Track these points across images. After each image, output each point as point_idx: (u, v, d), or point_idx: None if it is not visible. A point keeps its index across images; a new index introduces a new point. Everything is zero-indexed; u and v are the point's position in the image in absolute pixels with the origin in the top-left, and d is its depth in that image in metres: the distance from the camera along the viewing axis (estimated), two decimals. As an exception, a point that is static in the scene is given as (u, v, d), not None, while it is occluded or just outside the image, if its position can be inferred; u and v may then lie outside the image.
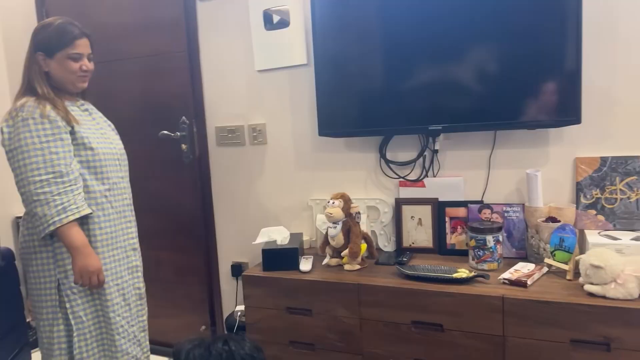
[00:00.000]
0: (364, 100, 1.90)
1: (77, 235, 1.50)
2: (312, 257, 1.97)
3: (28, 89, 1.58)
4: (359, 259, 1.81)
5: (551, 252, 1.65)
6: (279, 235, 2.00)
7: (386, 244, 2.04)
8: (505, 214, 1.84)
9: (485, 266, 1.71)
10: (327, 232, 1.87)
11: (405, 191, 2.00)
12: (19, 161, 1.48)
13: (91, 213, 1.56)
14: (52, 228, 1.47)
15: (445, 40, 1.75)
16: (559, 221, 1.70)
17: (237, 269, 2.39)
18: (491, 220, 1.84)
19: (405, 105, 1.84)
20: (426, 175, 1.97)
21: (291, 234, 2.05)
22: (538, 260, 1.73)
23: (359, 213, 1.85)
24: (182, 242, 2.51)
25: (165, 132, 2.38)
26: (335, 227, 1.83)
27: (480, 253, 1.71)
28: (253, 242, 2.03)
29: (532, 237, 1.76)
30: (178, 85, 2.37)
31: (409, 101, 1.83)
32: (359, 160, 2.09)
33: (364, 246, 1.82)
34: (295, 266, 1.86)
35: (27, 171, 1.47)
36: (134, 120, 2.49)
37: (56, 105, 1.55)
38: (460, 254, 1.88)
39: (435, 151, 1.93)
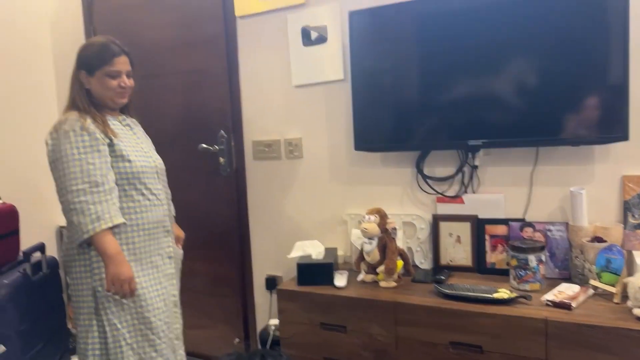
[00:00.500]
0: (401, 115, 1.89)
1: (110, 243, 1.54)
2: (347, 272, 1.95)
3: (72, 104, 1.66)
4: (395, 276, 1.79)
5: (597, 274, 1.59)
6: (314, 250, 2.00)
7: (423, 261, 2.01)
8: (548, 233, 1.78)
9: (527, 287, 1.65)
10: (362, 248, 1.85)
11: (443, 207, 1.97)
12: (59, 171, 1.55)
13: (125, 222, 1.60)
14: (86, 236, 1.52)
15: (485, 53, 1.73)
16: (605, 241, 1.64)
17: (271, 282, 2.39)
18: (533, 239, 1.78)
19: (443, 120, 1.82)
20: (465, 192, 1.94)
21: (326, 249, 2.05)
22: (583, 282, 1.66)
23: (395, 229, 1.83)
24: (217, 254, 2.54)
25: (204, 145, 2.43)
26: (371, 242, 1.81)
27: (522, 273, 1.66)
28: (288, 256, 2.04)
29: (577, 257, 1.70)
30: (217, 100, 2.42)
31: (447, 116, 1.81)
32: (395, 175, 2.07)
33: (400, 263, 1.79)
34: (330, 281, 1.85)
35: (65, 181, 1.53)
36: (174, 134, 2.56)
37: (96, 119, 1.61)
38: (501, 274, 1.82)
39: (475, 167, 1.89)
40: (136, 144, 1.72)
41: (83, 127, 1.56)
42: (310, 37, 2.17)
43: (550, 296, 1.55)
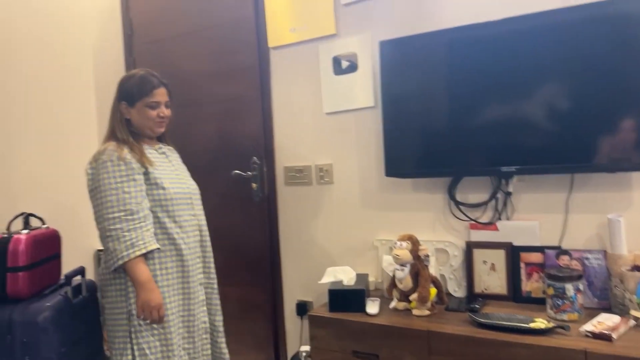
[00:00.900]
0: (432, 141, 1.90)
1: (142, 270, 1.60)
2: (379, 299, 1.95)
3: (112, 134, 1.75)
4: (429, 304, 1.77)
5: (638, 304, 1.54)
6: (345, 276, 2.00)
7: (456, 289, 1.98)
8: (585, 261, 1.74)
9: (565, 316, 1.62)
10: (394, 275, 1.85)
11: (476, 234, 1.95)
12: (97, 199, 1.63)
13: (159, 248, 1.65)
14: (120, 262, 1.57)
15: (516, 79, 1.73)
16: (647, 270, 1.59)
17: (301, 308, 2.40)
18: (570, 267, 1.75)
19: (475, 146, 1.82)
20: (499, 218, 1.92)
21: (357, 275, 2.05)
22: (623, 312, 1.61)
23: (427, 256, 1.82)
24: (248, 278, 2.56)
25: (238, 171, 2.49)
26: (403, 269, 1.81)
27: (560, 302, 1.62)
28: (319, 282, 2.04)
29: (616, 286, 1.65)
30: (250, 127, 2.49)
31: (479, 142, 1.81)
32: (427, 201, 2.07)
33: (433, 291, 1.78)
34: (362, 308, 1.85)
35: (102, 209, 1.60)
36: (209, 160, 2.63)
37: (133, 149, 1.69)
38: (537, 302, 1.78)
39: (509, 193, 1.88)
40: (171, 171, 1.78)
41: (120, 157, 1.64)
42: (341, 66, 2.22)
43: (589, 327, 1.51)
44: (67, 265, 2.19)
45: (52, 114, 2.79)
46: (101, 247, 2.98)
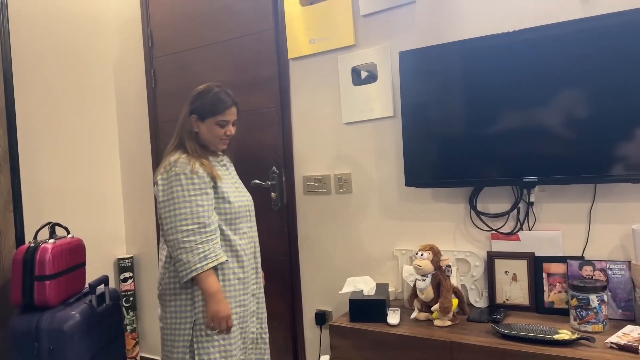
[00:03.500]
0: (452, 151, 1.91)
1: (213, 282, 1.64)
2: (399, 309, 1.95)
3: (179, 144, 1.78)
4: (450, 314, 1.77)
5: (665, 316, 1.52)
6: (366, 286, 2.01)
7: (477, 300, 1.98)
8: (609, 272, 1.72)
9: (589, 328, 1.60)
10: (415, 285, 1.85)
11: (498, 244, 1.95)
12: (169, 212, 1.65)
13: (227, 260, 1.69)
14: (194, 274, 1.61)
15: (536, 88, 1.73)
16: (673, 282, 1.57)
17: (321, 317, 2.40)
18: (593, 277, 1.73)
19: (495, 156, 1.82)
20: (521, 228, 1.91)
21: (377, 285, 2.05)
22: (649, 324, 1.60)
23: (449, 266, 1.82)
24: (267, 287, 2.57)
25: (257, 181, 2.51)
26: (425, 280, 1.81)
27: (584, 313, 1.61)
28: (340, 292, 2.05)
29: (642, 298, 1.64)
30: (270, 137, 2.52)
31: (499, 152, 1.81)
32: (447, 211, 2.07)
33: (455, 301, 1.77)
34: (382, 318, 1.85)
35: (176, 221, 1.63)
36: (227, 170, 2.66)
37: (203, 163, 1.72)
38: (560, 313, 1.77)
39: (531, 203, 1.87)
40: (232, 184, 1.83)
41: (192, 170, 1.67)
42: (360, 77, 2.23)
43: (614, 338, 1.49)
44: (90, 274, 2.24)
45: (75, 125, 2.85)
46: (121, 256, 3.03)
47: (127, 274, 3.03)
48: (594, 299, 1.60)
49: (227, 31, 2.64)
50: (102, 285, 2.10)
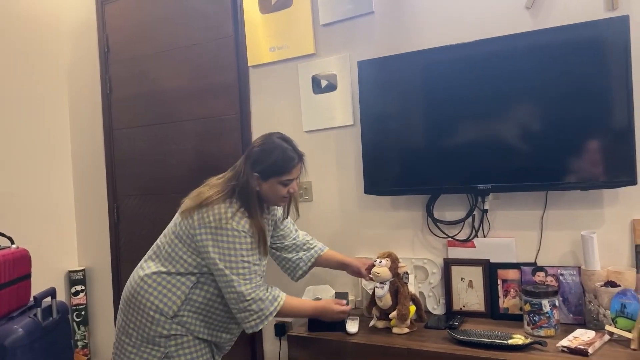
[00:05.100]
0: (410, 159, 1.93)
1: (296, 303, 1.71)
2: (359, 318, 1.93)
3: (238, 198, 1.62)
4: (408, 321, 1.77)
5: (612, 319, 1.57)
6: (325, 294, 1.99)
7: (435, 307, 1.99)
8: (560, 277, 1.77)
9: (542, 332, 1.63)
10: (373, 293, 1.84)
11: (454, 251, 1.97)
12: (225, 263, 1.58)
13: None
14: (275, 313, 1.61)
15: (490, 100, 1.78)
16: (619, 286, 1.63)
17: (280, 328, 2.36)
18: (546, 283, 1.78)
19: (451, 164, 1.85)
20: (476, 235, 1.94)
21: (336, 293, 2.03)
22: (598, 327, 1.64)
23: (407, 273, 1.83)
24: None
25: (215, 190, 2.46)
26: (383, 287, 1.80)
27: (536, 318, 1.64)
28: (299, 301, 2.02)
29: (590, 302, 1.68)
30: (229, 145, 2.48)
31: (456, 160, 1.84)
32: (406, 218, 2.09)
33: (412, 308, 1.77)
34: (341, 327, 1.83)
35: (234, 279, 1.58)
36: (187, 178, 2.60)
37: (255, 224, 1.62)
38: (514, 319, 1.80)
39: (485, 210, 1.91)
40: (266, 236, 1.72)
41: (246, 234, 1.59)
42: (321, 85, 2.24)
43: (565, 342, 1.53)
44: (39, 287, 2.13)
45: (24, 131, 2.74)
46: (72, 269, 2.89)
47: (78, 287, 2.90)
48: (546, 304, 1.63)
49: (186, 37, 2.60)
50: (49, 298, 2.00)
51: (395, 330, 1.78)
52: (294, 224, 1.95)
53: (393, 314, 1.77)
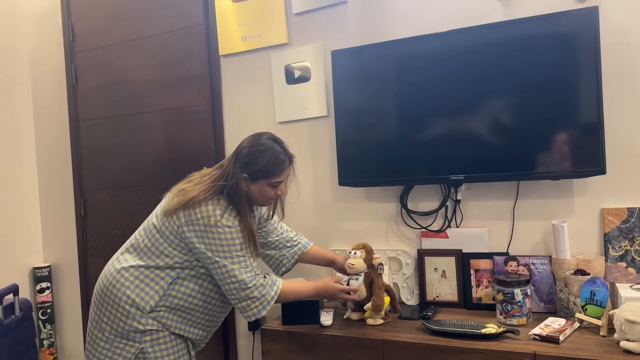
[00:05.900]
0: (384, 151, 1.92)
1: (296, 285, 1.67)
2: (333, 310, 1.92)
3: (226, 198, 1.59)
4: (382, 313, 1.76)
5: (582, 307, 1.59)
6: (299, 287, 1.96)
7: (409, 297, 1.99)
8: (532, 267, 1.79)
9: (514, 321, 1.65)
10: (348, 284, 1.83)
11: (427, 242, 1.97)
12: (220, 260, 1.56)
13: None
14: (276, 297, 1.60)
15: (463, 92, 1.78)
16: (589, 274, 1.65)
17: (254, 323, 2.33)
18: (518, 272, 1.79)
19: (425, 155, 1.85)
20: (449, 226, 1.95)
21: (311, 286, 2.01)
22: (568, 315, 1.67)
23: (381, 264, 1.82)
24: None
25: (186, 182, 2.40)
26: (357, 278, 1.79)
27: (509, 307, 1.65)
28: (272, 294, 1.99)
29: (561, 290, 1.71)
30: (201, 137, 2.42)
31: (429, 151, 1.84)
32: (380, 210, 2.08)
33: (387, 299, 1.77)
34: (316, 320, 1.82)
35: (230, 275, 1.56)
36: (157, 171, 2.53)
37: (246, 225, 1.59)
38: (487, 308, 1.82)
39: (458, 201, 1.91)
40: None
41: (237, 230, 1.57)
42: (294, 76, 2.20)
43: (537, 330, 1.54)
44: (1, 283, 2.04)
45: (-16, 122, 2.62)
46: (37, 265, 2.80)
47: (44, 284, 2.81)
48: (518, 293, 1.65)
49: (154, 25, 2.52)
50: (11, 295, 1.92)
51: (369, 321, 1.77)
52: (280, 221, 1.92)
53: (368, 305, 1.76)
